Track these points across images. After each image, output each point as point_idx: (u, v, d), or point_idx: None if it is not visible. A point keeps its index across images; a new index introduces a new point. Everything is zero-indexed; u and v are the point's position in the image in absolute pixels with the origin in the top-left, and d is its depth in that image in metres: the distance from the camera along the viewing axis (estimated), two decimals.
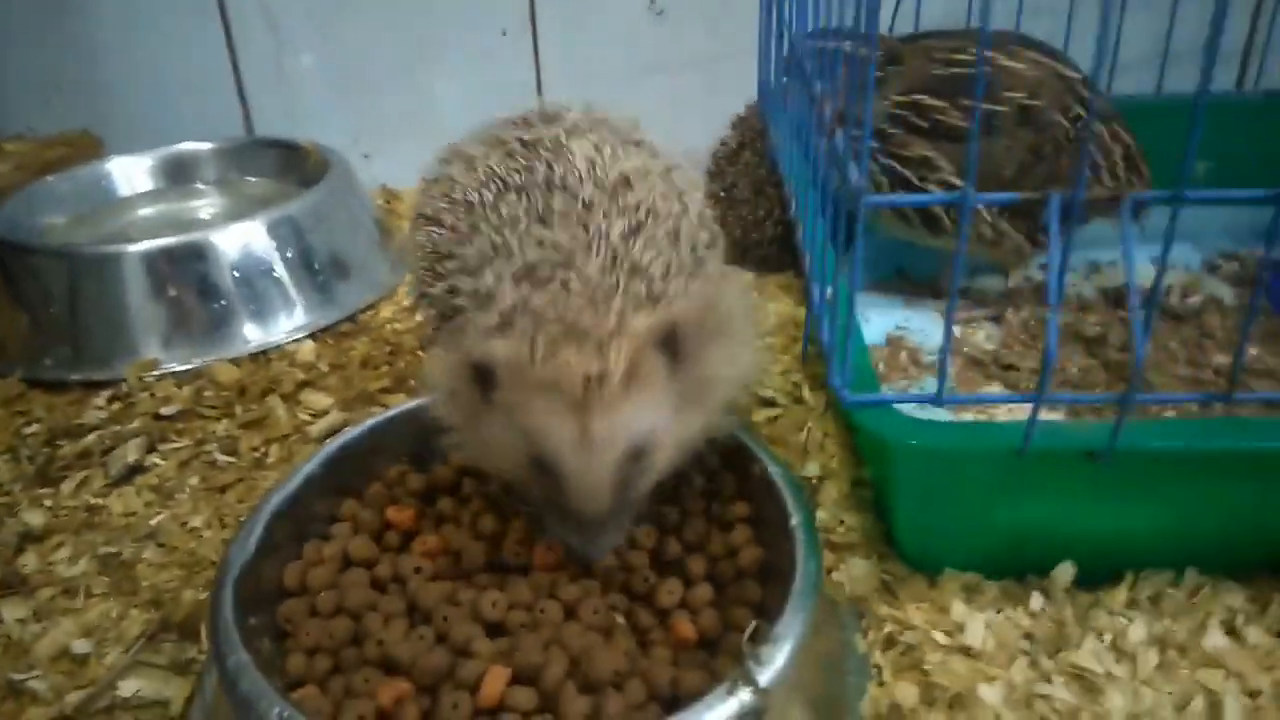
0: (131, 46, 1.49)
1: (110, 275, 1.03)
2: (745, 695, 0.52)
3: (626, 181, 0.65)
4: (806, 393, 0.91)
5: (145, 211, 1.29)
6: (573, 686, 0.55)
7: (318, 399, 0.96)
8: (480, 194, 0.67)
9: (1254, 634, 0.64)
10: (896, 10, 1.15)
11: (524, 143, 0.69)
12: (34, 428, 0.94)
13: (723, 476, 0.71)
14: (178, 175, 1.34)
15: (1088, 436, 0.60)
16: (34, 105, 1.54)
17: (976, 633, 0.63)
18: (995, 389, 0.90)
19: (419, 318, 1.10)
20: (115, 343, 1.03)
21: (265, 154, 1.36)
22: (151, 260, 1.03)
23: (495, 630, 0.60)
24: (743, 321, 0.65)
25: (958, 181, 0.89)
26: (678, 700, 0.55)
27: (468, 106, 1.29)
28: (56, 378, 1.01)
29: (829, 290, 0.72)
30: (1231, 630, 0.64)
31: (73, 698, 0.65)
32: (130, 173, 1.31)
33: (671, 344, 0.56)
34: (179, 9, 1.45)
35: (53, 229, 1.21)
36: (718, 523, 0.68)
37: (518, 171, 0.67)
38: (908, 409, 0.64)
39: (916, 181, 0.91)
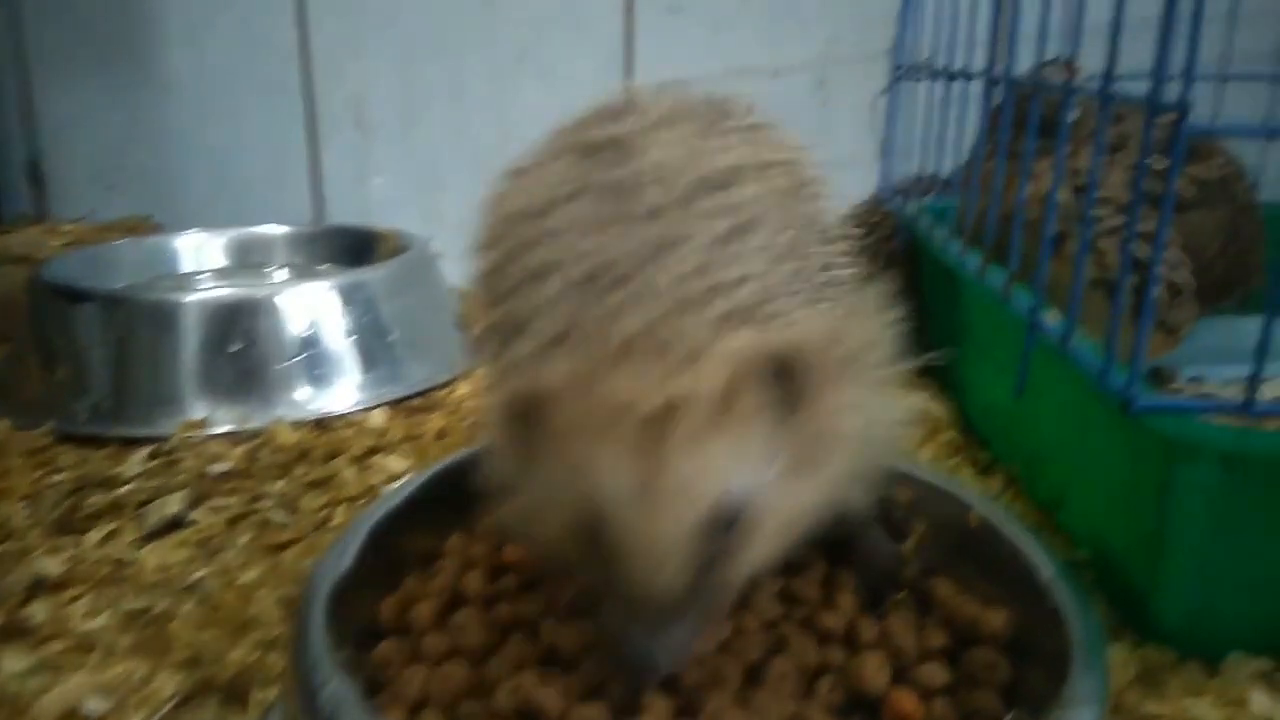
0: (205, 134, 1.46)
1: (165, 325, 0.93)
2: None
3: (710, 184, 0.48)
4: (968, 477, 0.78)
5: (207, 285, 1.21)
6: None
7: (392, 462, 0.83)
8: (538, 205, 0.50)
9: None
10: None
11: (593, 145, 0.51)
12: (60, 477, 0.81)
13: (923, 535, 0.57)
14: (246, 257, 1.26)
15: None
16: (96, 192, 1.49)
17: None
18: None
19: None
20: (162, 398, 0.91)
21: (341, 240, 1.28)
22: (210, 312, 0.94)
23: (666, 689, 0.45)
24: (880, 363, 0.49)
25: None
26: None
27: None
28: (92, 432, 0.89)
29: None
30: None
31: None
32: (198, 249, 1.23)
33: (787, 379, 0.42)
34: (263, 100, 1.43)
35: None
36: (931, 587, 0.54)
37: (579, 180, 0.49)
38: None
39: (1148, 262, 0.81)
